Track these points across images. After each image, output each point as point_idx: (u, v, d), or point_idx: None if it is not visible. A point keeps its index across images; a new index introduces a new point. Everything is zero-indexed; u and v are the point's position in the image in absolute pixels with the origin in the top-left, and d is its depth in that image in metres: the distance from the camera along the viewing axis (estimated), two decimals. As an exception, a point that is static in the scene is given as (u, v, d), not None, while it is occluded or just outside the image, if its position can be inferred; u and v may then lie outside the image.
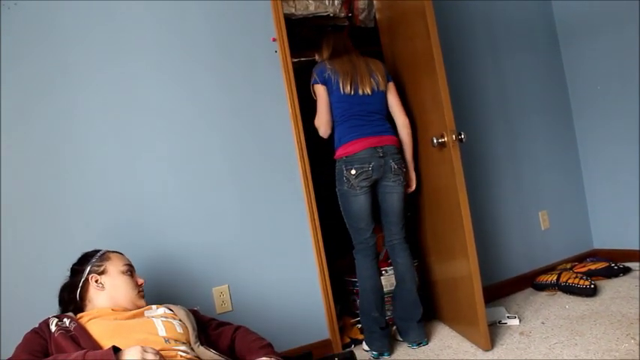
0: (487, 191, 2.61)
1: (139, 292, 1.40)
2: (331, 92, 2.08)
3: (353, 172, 2.00)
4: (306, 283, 2.12)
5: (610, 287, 2.36)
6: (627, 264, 2.56)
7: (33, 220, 1.72)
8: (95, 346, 1.14)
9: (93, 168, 1.82)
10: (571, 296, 2.36)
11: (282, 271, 2.09)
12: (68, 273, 1.40)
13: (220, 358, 1.26)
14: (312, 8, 2.43)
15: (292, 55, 2.18)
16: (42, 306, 1.39)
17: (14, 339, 1.20)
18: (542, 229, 2.76)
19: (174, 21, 2.00)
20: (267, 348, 1.30)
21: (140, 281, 1.43)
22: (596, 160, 2.82)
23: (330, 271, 2.16)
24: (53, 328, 1.19)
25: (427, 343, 2.10)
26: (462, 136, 1.88)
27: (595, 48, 2.71)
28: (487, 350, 1.90)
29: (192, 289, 1.91)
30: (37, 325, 1.25)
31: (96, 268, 1.37)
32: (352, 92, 2.05)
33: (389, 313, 2.27)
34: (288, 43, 2.14)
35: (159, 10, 1.98)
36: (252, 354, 1.28)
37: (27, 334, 1.22)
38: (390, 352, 2.07)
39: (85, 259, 1.40)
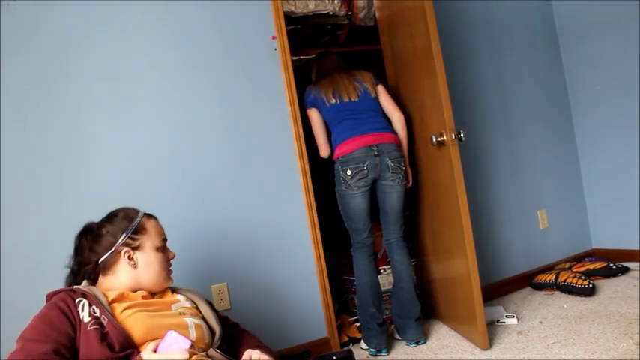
0: (486, 190, 2.61)
1: (169, 270, 1.26)
2: (320, 109, 2.16)
3: (349, 172, 2.01)
4: (304, 281, 2.12)
5: (608, 287, 2.36)
6: (626, 264, 2.56)
7: (31, 216, 1.72)
8: (130, 345, 1.01)
9: (91, 166, 1.82)
10: (569, 296, 2.36)
11: (281, 270, 2.09)
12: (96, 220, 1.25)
13: None
14: (311, 7, 2.43)
15: (292, 53, 2.18)
16: (40, 300, 1.39)
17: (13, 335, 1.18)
18: (541, 228, 2.76)
19: (173, 19, 2.00)
20: (265, 347, 1.29)
21: (171, 255, 1.28)
22: (595, 160, 2.82)
23: (328, 269, 2.16)
24: (85, 316, 1.01)
25: (425, 342, 2.10)
26: (462, 135, 1.88)
27: (594, 47, 2.71)
28: (485, 349, 1.90)
29: (191, 287, 1.90)
30: (58, 297, 1.06)
31: (131, 242, 1.19)
32: (338, 101, 2.11)
33: (387, 312, 2.27)
34: (287, 41, 2.13)
35: (158, 8, 1.97)
36: (246, 345, 1.25)
37: (50, 310, 1.02)
38: (388, 349, 2.08)
39: (121, 222, 1.21)
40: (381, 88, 2.19)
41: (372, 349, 2.06)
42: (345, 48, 2.84)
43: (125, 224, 1.20)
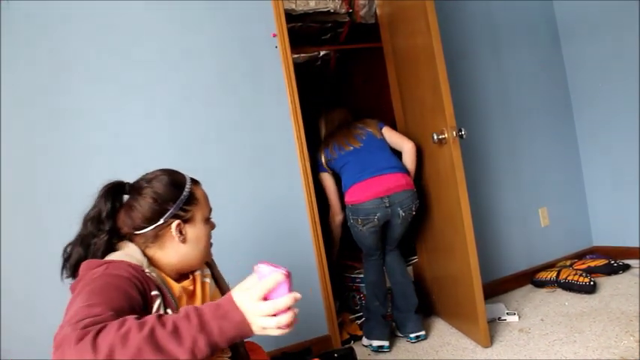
0: (487, 188, 2.61)
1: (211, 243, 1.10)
2: (329, 165, 2.23)
3: (359, 221, 2.05)
4: (305, 279, 2.12)
5: (609, 284, 2.36)
6: (627, 261, 2.56)
7: (30, 209, 1.72)
8: None
9: (91, 164, 1.82)
10: (570, 293, 2.36)
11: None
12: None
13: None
14: (312, 4, 2.43)
15: (292, 51, 2.17)
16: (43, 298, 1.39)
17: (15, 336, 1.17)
18: (542, 226, 2.76)
19: (174, 16, 1.99)
20: None
21: (214, 226, 1.12)
22: (597, 158, 2.82)
23: (329, 267, 2.17)
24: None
25: (426, 337, 2.10)
26: (463, 133, 1.88)
27: (596, 46, 2.70)
28: (486, 347, 1.90)
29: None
30: (127, 270, 0.88)
31: (183, 214, 1.01)
32: (342, 152, 2.16)
33: (390, 310, 2.28)
34: (288, 38, 2.13)
35: (159, 5, 1.97)
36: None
37: (121, 280, 0.84)
38: (390, 345, 2.08)
39: (168, 188, 1.02)
40: (386, 130, 2.22)
41: (373, 345, 2.07)
42: (345, 45, 2.83)
43: (174, 192, 1.02)
